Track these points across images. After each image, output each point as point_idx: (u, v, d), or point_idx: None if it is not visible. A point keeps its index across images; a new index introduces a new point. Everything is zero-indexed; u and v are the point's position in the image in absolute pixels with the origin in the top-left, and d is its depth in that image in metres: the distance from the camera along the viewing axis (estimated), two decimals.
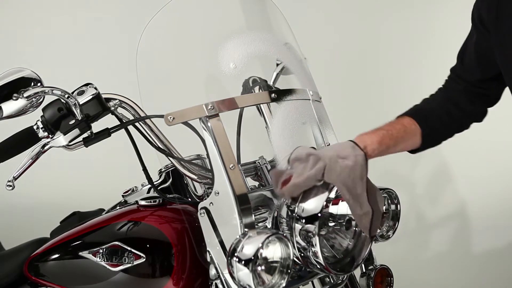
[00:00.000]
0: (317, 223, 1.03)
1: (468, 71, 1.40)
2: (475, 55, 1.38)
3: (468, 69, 1.40)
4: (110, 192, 1.57)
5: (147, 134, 1.18)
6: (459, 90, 1.41)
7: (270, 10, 1.38)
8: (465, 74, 1.41)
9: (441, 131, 1.41)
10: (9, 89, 1.04)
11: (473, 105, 1.42)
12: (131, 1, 3.51)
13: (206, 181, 1.18)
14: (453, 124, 1.42)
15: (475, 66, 1.39)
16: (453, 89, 1.43)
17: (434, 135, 1.38)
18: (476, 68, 1.39)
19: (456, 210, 3.29)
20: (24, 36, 3.68)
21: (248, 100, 1.21)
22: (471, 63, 1.40)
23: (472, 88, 1.41)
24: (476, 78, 1.40)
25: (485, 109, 1.45)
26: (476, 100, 1.42)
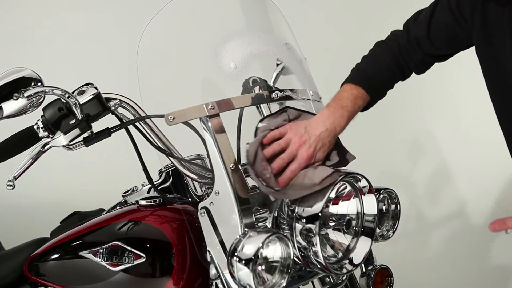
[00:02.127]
0: (318, 222, 1.03)
1: (433, 46, 1.36)
2: (445, 35, 1.34)
3: (434, 44, 1.36)
4: (110, 192, 1.57)
5: (147, 134, 1.18)
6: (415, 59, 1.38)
7: (270, 10, 1.38)
8: (429, 47, 1.36)
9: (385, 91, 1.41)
10: (9, 89, 1.04)
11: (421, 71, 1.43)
12: (131, 1, 3.51)
13: (206, 181, 1.18)
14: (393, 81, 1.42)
15: (443, 45, 1.36)
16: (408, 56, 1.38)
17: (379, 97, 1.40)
18: (443, 47, 1.36)
19: (456, 210, 3.30)
20: (24, 36, 3.67)
21: (248, 100, 1.21)
22: (440, 42, 1.35)
23: (430, 59, 1.39)
24: (440, 53, 1.38)
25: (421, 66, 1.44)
26: (426, 68, 1.43)
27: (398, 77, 1.40)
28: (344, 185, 1.14)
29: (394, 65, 1.37)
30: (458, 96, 3.38)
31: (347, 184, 1.14)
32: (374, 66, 1.36)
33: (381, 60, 1.38)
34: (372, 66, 1.36)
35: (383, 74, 1.36)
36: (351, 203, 1.15)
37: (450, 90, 3.42)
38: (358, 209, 1.15)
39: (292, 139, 1.15)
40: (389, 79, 1.38)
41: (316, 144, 1.15)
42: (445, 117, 3.43)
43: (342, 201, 1.14)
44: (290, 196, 1.09)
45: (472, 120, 3.27)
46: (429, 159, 3.40)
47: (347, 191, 1.15)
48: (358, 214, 1.15)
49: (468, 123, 3.32)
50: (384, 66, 1.37)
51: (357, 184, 1.14)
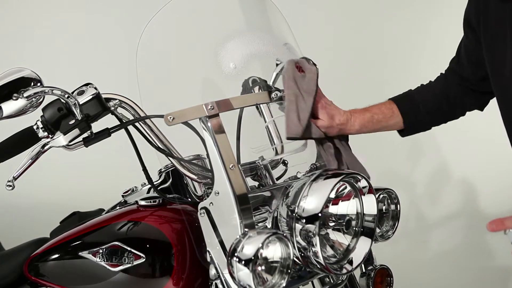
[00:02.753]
0: (318, 223, 1.03)
1: (462, 67, 1.44)
2: (465, 55, 1.42)
3: (461, 66, 1.44)
4: (110, 192, 1.57)
5: (147, 134, 1.18)
6: (455, 82, 1.45)
7: (269, 10, 1.38)
8: (460, 69, 1.44)
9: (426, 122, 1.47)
10: (9, 89, 1.03)
11: (465, 97, 1.46)
12: (131, 2, 3.51)
13: (206, 181, 1.18)
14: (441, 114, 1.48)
15: (467, 66, 1.43)
16: (450, 80, 1.46)
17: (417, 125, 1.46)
18: (467, 67, 1.42)
19: (456, 210, 3.30)
20: (24, 36, 3.68)
21: (248, 100, 1.20)
22: (464, 62, 1.43)
23: (466, 83, 1.44)
24: (468, 75, 1.43)
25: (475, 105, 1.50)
26: (468, 95, 1.46)
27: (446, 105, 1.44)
28: (344, 185, 1.14)
29: (441, 91, 1.44)
30: None
31: (347, 184, 1.14)
32: (419, 90, 1.45)
33: (431, 87, 1.46)
34: (419, 90, 1.45)
35: (427, 99, 1.43)
36: (351, 203, 1.15)
37: None
38: (358, 209, 1.15)
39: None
40: (434, 106, 1.43)
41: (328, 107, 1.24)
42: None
43: (342, 201, 1.14)
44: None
45: (472, 120, 3.26)
46: (429, 159, 3.41)
47: (347, 191, 1.15)
48: (358, 214, 1.15)
49: (468, 124, 3.31)
50: (430, 91, 1.44)
51: (357, 184, 1.14)
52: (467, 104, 1.47)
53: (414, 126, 1.45)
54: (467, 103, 1.47)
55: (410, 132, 1.46)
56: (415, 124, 1.44)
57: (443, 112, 1.46)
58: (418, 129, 1.47)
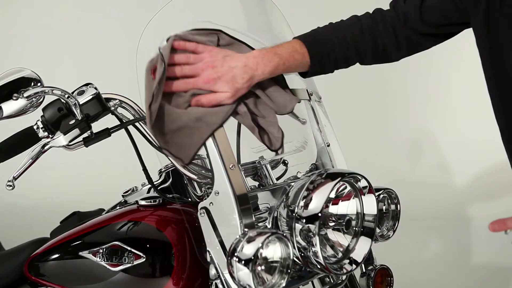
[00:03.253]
0: (318, 223, 1.03)
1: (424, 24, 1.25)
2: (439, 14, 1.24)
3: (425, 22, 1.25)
4: (110, 192, 1.57)
5: (147, 134, 1.18)
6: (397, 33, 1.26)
7: (270, 10, 1.38)
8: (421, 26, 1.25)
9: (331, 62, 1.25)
10: (9, 89, 1.04)
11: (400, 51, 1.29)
12: (132, 2, 3.51)
13: (206, 181, 1.18)
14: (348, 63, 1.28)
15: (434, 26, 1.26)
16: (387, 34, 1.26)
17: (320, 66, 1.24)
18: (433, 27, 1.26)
19: (456, 210, 3.30)
20: (24, 36, 3.68)
21: None
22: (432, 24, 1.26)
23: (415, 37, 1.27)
24: (427, 32, 1.27)
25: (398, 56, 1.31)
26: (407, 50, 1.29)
27: (353, 56, 1.25)
28: (344, 185, 1.14)
29: (354, 41, 1.23)
30: (458, 97, 3.39)
31: (347, 184, 1.14)
32: (331, 33, 1.24)
33: (343, 30, 1.24)
34: (329, 31, 1.24)
35: (336, 43, 1.22)
36: (351, 203, 1.15)
37: (450, 91, 3.42)
38: (358, 209, 1.15)
39: (204, 59, 1.08)
40: (342, 52, 1.23)
41: (225, 74, 1.06)
42: (445, 118, 3.44)
43: (342, 201, 1.14)
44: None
45: (472, 120, 3.27)
46: (429, 159, 3.41)
47: (347, 191, 1.15)
48: (358, 214, 1.15)
49: (468, 124, 3.32)
50: (343, 36, 1.23)
51: (357, 184, 1.14)
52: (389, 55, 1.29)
53: (318, 72, 1.25)
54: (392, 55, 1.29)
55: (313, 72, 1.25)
56: (320, 71, 1.25)
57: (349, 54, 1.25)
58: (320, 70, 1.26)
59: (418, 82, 3.38)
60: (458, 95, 3.35)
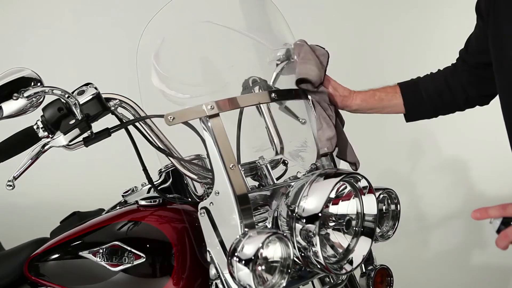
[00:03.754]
0: (318, 223, 1.03)
1: (471, 56, 1.44)
2: (475, 42, 1.43)
3: (471, 54, 1.45)
4: (110, 192, 1.57)
5: (147, 134, 1.18)
6: (461, 69, 1.47)
7: (269, 10, 1.38)
8: (468, 58, 1.45)
9: (428, 108, 1.50)
10: (9, 89, 1.04)
11: (469, 86, 1.47)
12: (132, 2, 3.51)
13: (206, 181, 1.18)
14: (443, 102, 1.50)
15: (476, 52, 1.43)
16: (457, 68, 1.48)
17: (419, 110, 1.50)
18: (476, 54, 1.43)
19: (456, 210, 3.30)
20: (24, 36, 3.68)
21: (248, 100, 1.20)
22: (473, 49, 1.44)
23: (475, 70, 1.45)
24: (477, 61, 1.43)
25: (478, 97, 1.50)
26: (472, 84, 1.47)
27: (447, 97, 1.46)
28: (344, 185, 1.14)
29: (446, 81, 1.46)
30: None
31: (347, 184, 1.14)
32: (425, 77, 1.47)
33: (436, 74, 1.48)
34: (425, 76, 1.47)
35: (428, 85, 1.46)
36: (351, 203, 1.15)
37: None
38: (358, 209, 1.15)
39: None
40: (435, 92, 1.46)
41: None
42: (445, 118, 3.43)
43: (342, 201, 1.14)
44: None
45: (472, 121, 3.27)
46: (429, 159, 3.40)
47: (347, 191, 1.15)
48: (358, 214, 1.15)
49: (468, 124, 3.31)
50: (435, 79, 1.46)
51: (357, 184, 1.14)
52: (470, 95, 1.48)
53: (416, 110, 1.49)
54: (470, 93, 1.47)
55: (413, 116, 1.51)
56: (417, 108, 1.49)
57: (445, 99, 1.48)
58: (420, 115, 1.52)
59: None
60: None
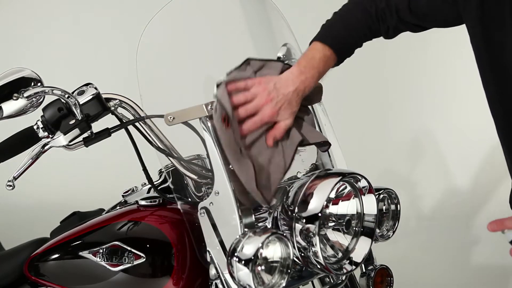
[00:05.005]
0: (317, 223, 1.03)
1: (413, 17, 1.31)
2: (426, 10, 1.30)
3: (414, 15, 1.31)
4: (110, 192, 1.57)
5: (147, 134, 1.18)
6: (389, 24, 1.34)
7: (270, 10, 1.38)
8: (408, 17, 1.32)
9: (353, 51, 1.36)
10: (9, 89, 1.04)
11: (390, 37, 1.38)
12: (132, 2, 3.51)
13: (206, 181, 1.18)
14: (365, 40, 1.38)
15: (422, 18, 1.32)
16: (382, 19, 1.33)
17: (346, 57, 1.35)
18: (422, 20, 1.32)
19: (456, 210, 3.30)
20: (24, 36, 3.68)
21: None
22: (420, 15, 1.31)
23: (403, 26, 1.35)
24: (416, 23, 1.34)
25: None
26: (396, 34, 1.38)
27: (368, 38, 1.36)
28: (344, 185, 1.14)
29: (367, 27, 1.32)
30: (459, 97, 3.39)
31: (347, 184, 1.14)
32: (346, 27, 1.32)
33: (354, 20, 1.33)
34: (345, 26, 1.32)
35: (354, 35, 1.32)
36: (351, 203, 1.15)
37: (450, 91, 3.42)
38: (358, 209, 1.15)
39: (259, 94, 1.14)
40: (359, 40, 1.34)
41: (283, 103, 1.14)
42: (446, 118, 3.43)
43: (342, 201, 1.14)
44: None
45: (472, 121, 3.27)
46: (429, 159, 3.41)
47: (347, 191, 1.15)
48: (358, 214, 1.15)
49: (468, 124, 3.32)
50: (357, 27, 1.32)
51: (357, 184, 1.14)
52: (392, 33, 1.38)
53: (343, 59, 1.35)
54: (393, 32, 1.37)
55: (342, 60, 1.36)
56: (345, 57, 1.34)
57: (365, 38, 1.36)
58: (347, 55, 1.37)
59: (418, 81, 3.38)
60: (459, 95, 3.35)
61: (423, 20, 1.32)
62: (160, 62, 1.29)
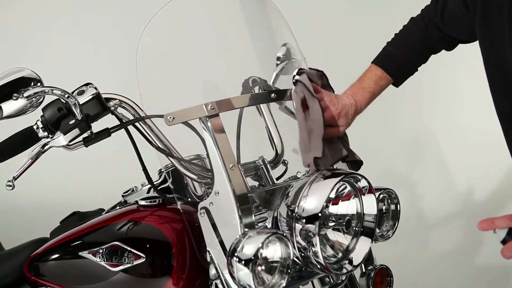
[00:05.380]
0: (318, 223, 1.03)
1: (447, 27, 1.43)
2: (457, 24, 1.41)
3: (448, 27, 1.43)
4: (110, 192, 1.57)
5: (147, 134, 1.18)
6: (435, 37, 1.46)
7: (270, 10, 1.38)
8: (444, 28, 1.44)
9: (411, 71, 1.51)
10: (9, 89, 1.04)
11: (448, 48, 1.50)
12: (131, 2, 3.51)
13: (206, 181, 1.18)
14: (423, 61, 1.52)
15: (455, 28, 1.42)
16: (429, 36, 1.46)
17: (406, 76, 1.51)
18: (455, 30, 1.43)
19: (456, 210, 3.30)
20: (24, 36, 3.68)
21: (248, 100, 1.20)
22: (451, 24, 1.42)
23: (448, 38, 1.46)
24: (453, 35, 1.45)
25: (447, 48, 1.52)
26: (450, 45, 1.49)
27: (427, 52, 1.48)
28: (344, 185, 1.14)
29: (421, 42, 1.45)
30: (459, 97, 3.39)
31: (347, 184, 1.14)
32: (399, 47, 1.46)
33: (407, 39, 1.46)
34: (397, 46, 1.46)
35: (408, 54, 1.45)
36: (351, 203, 1.15)
37: (450, 91, 3.42)
38: (358, 209, 1.15)
39: (323, 97, 1.25)
40: (416, 57, 1.47)
41: (341, 109, 1.28)
42: (446, 118, 3.43)
43: (342, 201, 1.14)
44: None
45: (472, 121, 3.27)
46: (429, 159, 3.41)
47: (347, 191, 1.15)
48: (358, 214, 1.15)
49: (468, 124, 3.32)
50: (410, 45, 1.45)
51: (357, 184, 1.14)
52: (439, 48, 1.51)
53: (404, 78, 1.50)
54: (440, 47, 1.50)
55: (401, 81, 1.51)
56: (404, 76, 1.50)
57: (424, 59, 1.51)
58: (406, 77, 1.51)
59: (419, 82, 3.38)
60: (459, 95, 3.35)
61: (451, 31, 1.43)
62: (160, 62, 1.29)
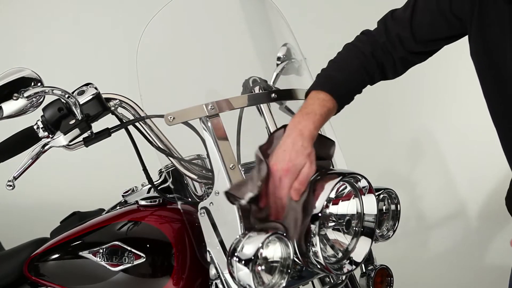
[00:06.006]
0: (318, 223, 1.03)
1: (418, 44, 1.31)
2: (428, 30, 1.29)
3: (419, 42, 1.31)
4: (110, 192, 1.57)
5: (147, 134, 1.18)
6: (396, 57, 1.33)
7: (270, 10, 1.38)
8: (413, 45, 1.31)
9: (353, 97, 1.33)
10: (9, 89, 1.04)
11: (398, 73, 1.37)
12: (132, 2, 3.51)
13: (206, 181, 1.18)
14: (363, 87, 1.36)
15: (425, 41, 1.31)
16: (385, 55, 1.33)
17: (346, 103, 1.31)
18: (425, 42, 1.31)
19: (456, 210, 3.29)
20: (24, 36, 3.68)
21: (248, 100, 1.21)
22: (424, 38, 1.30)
23: (411, 57, 1.34)
24: (422, 50, 1.33)
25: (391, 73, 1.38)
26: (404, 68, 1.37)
27: (367, 82, 1.33)
28: (344, 185, 1.14)
29: (364, 70, 1.31)
30: (458, 97, 3.38)
31: (347, 184, 1.14)
32: (342, 73, 1.29)
33: (350, 65, 1.30)
34: (341, 72, 1.29)
35: (352, 80, 1.29)
36: (351, 203, 1.15)
37: (450, 91, 3.42)
38: (358, 209, 1.15)
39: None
40: (358, 85, 1.31)
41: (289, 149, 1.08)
42: (445, 118, 3.43)
43: (342, 201, 1.14)
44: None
45: (472, 121, 3.27)
46: (429, 159, 3.40)
47: (347, 191, 1.15)
48: (358, 214, 1.15)
49: (468, 124, 3.31)
50: (354, 72, 1.30)
51: (357, 184, 1.14)
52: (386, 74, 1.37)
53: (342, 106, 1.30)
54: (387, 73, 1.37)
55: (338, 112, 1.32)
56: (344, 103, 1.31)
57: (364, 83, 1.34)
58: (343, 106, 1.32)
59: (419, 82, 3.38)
60: (459, 95, 3.35)
61: (430, 45, 1.31)
62: (160, 62, 1.29)
